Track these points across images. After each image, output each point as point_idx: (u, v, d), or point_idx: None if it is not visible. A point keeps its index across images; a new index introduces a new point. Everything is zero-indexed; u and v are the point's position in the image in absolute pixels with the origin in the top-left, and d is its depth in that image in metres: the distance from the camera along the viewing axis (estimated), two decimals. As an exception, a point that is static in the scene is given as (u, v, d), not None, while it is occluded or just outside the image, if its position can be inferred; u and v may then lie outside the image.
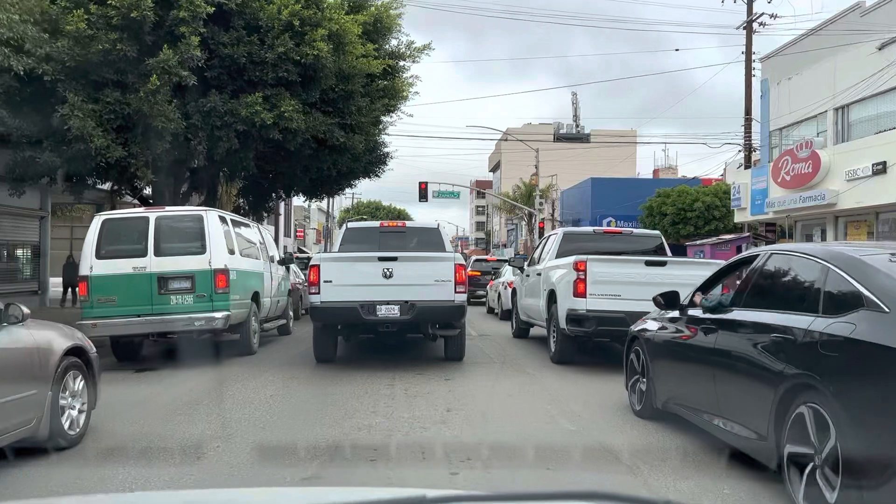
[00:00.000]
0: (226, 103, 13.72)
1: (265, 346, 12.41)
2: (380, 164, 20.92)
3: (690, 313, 5.76)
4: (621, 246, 11.27)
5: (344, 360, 10.42)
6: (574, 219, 49.92)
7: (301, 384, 8.46)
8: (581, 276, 9.26)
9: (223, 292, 10.15)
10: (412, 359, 10.61)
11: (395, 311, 9.30)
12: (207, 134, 13.86)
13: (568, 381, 8.71)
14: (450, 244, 11.67)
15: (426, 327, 9.75)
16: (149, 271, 10.03)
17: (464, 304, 9.50)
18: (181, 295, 10.03)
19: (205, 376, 9.13)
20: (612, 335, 9.57)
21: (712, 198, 36.43)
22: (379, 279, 9.33)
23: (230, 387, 8.24)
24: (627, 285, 9.23)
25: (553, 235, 11.88)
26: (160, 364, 10.40)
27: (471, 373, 9.34)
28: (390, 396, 7.53)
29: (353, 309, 9.22)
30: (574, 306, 9.36)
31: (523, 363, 10.24)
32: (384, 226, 11.47)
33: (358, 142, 16.19)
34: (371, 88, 17.15)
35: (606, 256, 9.72)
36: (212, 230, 10.24)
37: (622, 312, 9.15)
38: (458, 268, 9.45)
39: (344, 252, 10.14)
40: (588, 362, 10.12)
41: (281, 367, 9.87)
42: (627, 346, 6.99)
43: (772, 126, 27.44)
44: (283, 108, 13.65)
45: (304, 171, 17.93)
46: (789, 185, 23.23)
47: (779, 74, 26.72)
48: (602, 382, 8.60)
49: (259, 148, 14.98)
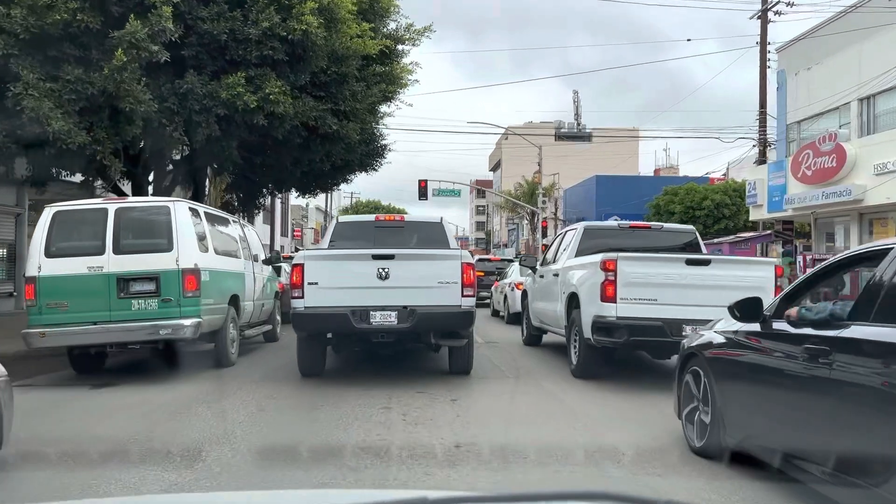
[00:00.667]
0: (205, 85, 12.33)
1: (247, 355, 11.04)
2: (377, 157, 19.53)
3: (778, 327, 4.39)
4: (650, 242, 9.89)
5: (333, 374, 9.04)
6: (578, 217, 48.64)
7: (279, 408, 7.07)
8: (610, 278, 7.88)
9: (193, 296, 8.77)
10: (412, 371, 9.24)
11: (391, 319, 7.93)
12: (185, 119, 12.48)
13: (597, 402, 7.33)
14: (455, 241, 10.31)
15: (428, 337, 8.38)
16: (106, 272, 8.64)
17: (472, 309, 8.13)
18: (144, 299, 8.65)
19: (168, 395, 7.75)
20: (647, 347, 8.19)
21: (721, 196, 35.27)
22: (373, 281, 7.96)
23: (192, 412, 6.86)
24: (665, 288, 7.86)
25: (571, 231, 10.50)
26: (123, 378, 9.03)
27: (481, 390, 7.96)
28: (385, 424, 6.15)
29: (343, 316, 7.85)
30: (601, 312, 7.98)
31: (540, 377, 8.86)
32: (380, 220, 10.09)
33: (352, 130, 14.80)
34: (367, 73, 15.77)
35: (640, 254, 8.34)
36: (180, 224, 8.86)
37: (659, 320, 7.78)
38: (466, 268, 8.08)
39: (333, 249, 8.78)
40: (614, 376, 8.75)
41: (259, 384, 8.49)
42: (681, 366, 5.61)
43: (789, 119, 26.17)
44: (268, 89, 12.26)
45: (295, 163, 16.54)
46: (811, 180, 21.95)
47: (797, 65, 25.43)
48: (638, 404, 7.22)
49: (243, 136, 13.59)
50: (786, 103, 26.26)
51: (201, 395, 7.70)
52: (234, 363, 10.03)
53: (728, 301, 7.91)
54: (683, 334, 7.75)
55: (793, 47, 25.88)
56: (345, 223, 10.15)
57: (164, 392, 7.90)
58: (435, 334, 8.32)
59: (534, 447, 5.45)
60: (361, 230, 9.96)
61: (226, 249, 10.37)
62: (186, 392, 7.90)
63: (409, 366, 9.71)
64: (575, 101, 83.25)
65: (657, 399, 7.29)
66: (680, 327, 7.77)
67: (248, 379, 8.80)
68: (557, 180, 53.54)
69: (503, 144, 75.71)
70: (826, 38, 23.37)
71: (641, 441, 5.66)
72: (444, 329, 8.28)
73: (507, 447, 5.44)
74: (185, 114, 12.41)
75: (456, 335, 8.35)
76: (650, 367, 9.82)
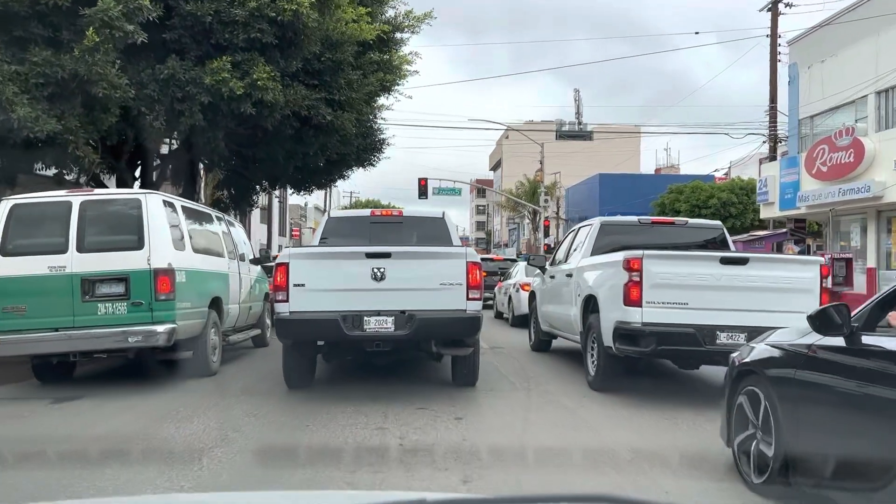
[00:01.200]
0: (188, 71, 11.41)
1: (232, 363, 10.12)
2: (375, 152, 18.60)
3: (873, 342, 3.48)
4: (673, 240, 8.97)
5: (323, 385, 8.13)
6: (580, 216, 47.78)
7: (258, 429, 6.14)
8: (634, 278, 6.97)
9: (167, 298, 7.85)
10: (411, 383, 8.34)
11: (387, 325, 7.02)
12: (166, 108, 11.56)
13: (622, 422, 6.41)
14: (458, 238, 9.40)
15: (429, 345, 7.46)
16: (70, 272, 7.73)
17: (479, 314, 7.22)
18: (112, 302, 7.74)
19: (134, 411, 6.85)
20: (677, 356, 7.27)
21: (728, 194, 34.51)
22: (367, 282, 7.05)
23: (156, 433, 5.95)
24: (697, 290, 6.95)
25: (585, 227, 9.57)
26: (90, 390, 8.10)
27: (489, 406, 7.05)
28: (379, 453, 5.23)
29: (333, 322, 6.93)
30: (625, 318, 7.07)
31: (555, 390, 7.94)
32: (376, 214, 9.17)
33: (347, 121, 13.87)
34: (363, 61, 14.85)
35: (668, 252, 7.42)
36: (153, 219, 7.95)
37: (690, 326, 6.87)
38: (472, 267, 7.17)
39: (322, 247, 7.88)
40: (636, 388, 7.83)
41: (240, 397, 7.57)
42: (732, 385, 4.69)
43: (801, 114, 25.32)
44: (255, 75, 11.34)
45: (288, 156, 15.57)
46: (826, 176, 21.13)
47: (810, 58, 24.58)
48: (669, 424, 6.31)
49: (230, 126, 12.65)
50: (798, 97, 25.44)
51: (172, 411, 6.79)
52: (215, 372, 9.12)
53: (768, 305, 7.08)
54: (718, 342, 6.87)
55: (805, 39, 25.05)
56: (337, 218, 9.24)
57: (129, 408, 6.99)
58: (437, 342, 7.41)
59: (557, 481, 4.54)
60: (355, 226, 9.06)
61: (206, 247, 9.46)
62: (155, 407, 6.98)
63: (408, 376, 8.80)
64: (576, 100, 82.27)
65: (694, 418, 6.39)
66: (714, 334, 6.87)
67: (228, 391, 7.89)
68: (559, 179, 52.68)
69: (504, 143, 74.89)
70: (840, 30, 22.56)
71: (685, 476, 4.75)
72: (447, 337, 7.37)
73: (525, 485, 4.51)
74: (166, 102, 11.48)
75: (461, 343, 7.43)
76: (674, 376, 8.92)
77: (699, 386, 8.45)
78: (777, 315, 6.83)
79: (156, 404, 7.16)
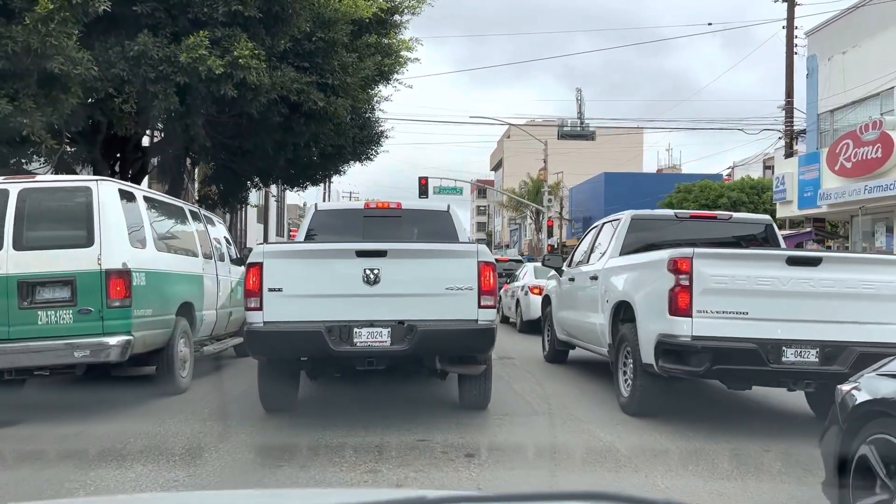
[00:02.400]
0: (162, 48, 10.18)
1: (207, 377, 8.86)
2: (372, 145, 17.35)
3: None
4: (715, 236, 7.74)
5: (307, 407, 6.89)
6: (585, 216, 46.60)
7: (216, 470, 4.88)
8: (683, 282, 5.72)
9: (121, 305, 6.61)
10: (409, 404, 7.10)
11: (382, 339, 5.77)
12: (137, 89, 10.33)
13: (676, 462, 5.17)
14: (466, 235, 8.18)
15: (432, 361, 6.22)
16: (4, 273, 6.48)
17: (492, 325, 5.96)
18: (55, 310, 6.49)
19: (70, 443, 5.62)
20: (735, 378, 6.00)
21: (738, 193, 33.45)
22: (358, 286, 5.81)
23: (85, 476, 4.70)
24: (759, 296, 5.70)
25: (611, 222, 8.31)
26: (30, 413, 6.87)
27: (505, 438, 5.79)
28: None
29: (316, 335, 5.68)
30: (670, 330, 5.82)
31: (582, 415, 6.68)
32: (370, 207, 7.92)
33: (342, 107, 12.62)
34: (360, 43, 13.63)
35: (724, 250, 6.17)
36: (106, 211, 6.70)
37: (752, 341, 5.62)
38: (485, 268, 5.92)
39: (305, 244, 6.64)
40: (680, 413, 6.60)
41: (205, 424, 6.32)
42: (848, 428, 3.45)
43: (821, 108, 24.18)
44: (236, 52, 10.10)
45: (278, 148, 14.31)
46: (850, 172, 20.01)
47: (830, 49, 23.45)
48: (735, 465, 5.06)
49: (210, 111, 11.42)
50: (817, 91, 24.30)
51: (117, 444, 5.54)
52: (185, 389, 7.87)
53: (845, 315, 5.83)
54: (784, 360, 5.63)
55: (825, 30, 23.93)
56: (325, 211, 8.01)
57: (66, 439, 5.77)
58: (442, 359, 6.15)
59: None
60: (347, 220, 7.83)
61: (175, 246, 8.22)
62: (100, 437, 5.75)
63: (407, 395, 7.56)
64: (578, 99, 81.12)
65: (762, 456, 5.15)
66: (779, 351, 5.64)
67: (193, 415, 6.64)
68: (562, 178, 51.48)
69: (505, 143, 73.77)
70: (864, 18, 21.48)
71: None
72: (454, 352, 6.12)
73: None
74: (137, 83, 10.25)
75: (471, 360, 6.18)
76: (719, 395, 7.67)
77: (755, 409, 7.22)
78: (857, 328, 5.61)
79: (102, 433, 5.92)
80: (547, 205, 43.39)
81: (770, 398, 7.51)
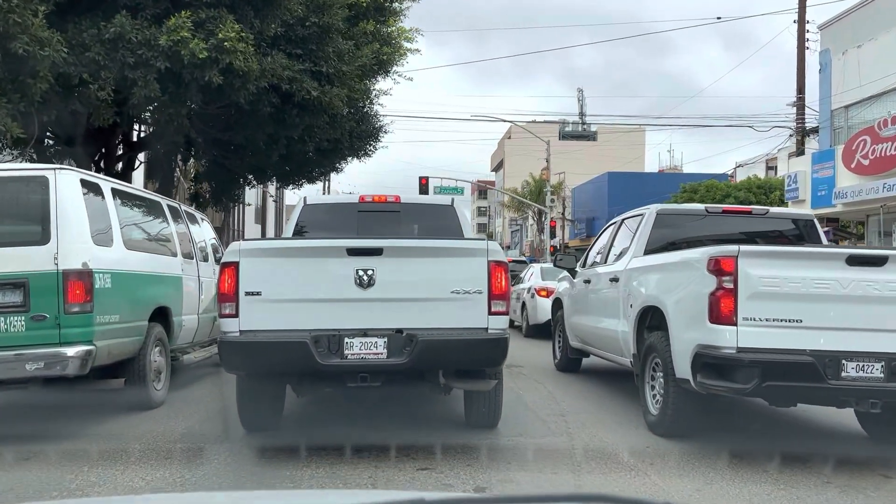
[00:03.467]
0: (141, 30, 9.40)
1: (186, 388, 8.05)
2: (370, 139, 16.56)
3: None
4: (750, 233, 6.94)
5: (291, 427, 6.09)
6: (588, 217, 45.84)
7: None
8: (726, 285, 4.92)
9: (81, 311, 5.80)
10: (408, 423, 6.30)
11: (378, 350, 4.97)
12: (115, 75, 9.55)
13: (721, 496, 4.37)
14: (472, 231, 7.39)
15: (435, 376, 5.42)
16: (-53, 274, 5.70)
17: (505, 335, 5.16)
18: (4, 316, 5.67)
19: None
20: (786, 396, 5.19)
21: (745, 193, 32.78)
22: (349, 289, 5.01)
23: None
24: (814, 301, 4.90)
25: (633, 218, 7.50)
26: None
27: (520, 466, 4.98)
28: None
29: (300, 346, 4.88)
30: (711, 341, 5.02)
31: (605, 436, 5.87)
32: (365, 201, 7.11)
33: (337, 97, 11.83)
34: (357, 31, 12.84)
35: (774, 248, 5.37)
36: (65, 204, 5.90)
37: (808, 353, 4.82)
38: (496, 269, 5.12)
39: (287, 240, 5.84)
40: (717, 433, 5.80)
41: (175, 446, 5.51)
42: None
43: (834, 104, 23.44)
44: (221, 35, 9.31)
45: (270, 142, 13.53)
46: (868, 170, 19.35)
47: (844, 43, 22.74)
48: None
49: (195, 100, 10.63)
50: (830, 86, 23.57)
51: (66, 474, 4.75)
52: (160, 403, 7.07)
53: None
54: (844, 376, 4.84)
55: (839, 23, 23.21)
56: (315, 206, 7.21)
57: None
58: (446, 373, 5.35)
59: None
60: (339, 216, 7.05)
61: (149, 244, 7.43)
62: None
63: (406, 412, 6.76)
64: (579, 100, 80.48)
65: (824, 490, 4.35)
66: (838, 365, 4.84)
67: (164, 435, 5.84)
68: (563, 179, 50.72)
69: (505, 144, 73.02)
70: (880, 10, 20.75)
71: None
72: (460, 366, 5.32)
73: None
74: (114, 68, 9.47)
75: (479, 375, 5.38)
76: (755, 412, 6.86)
77: (799, 427, 6.43)
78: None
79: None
80: (549, 205, 42.58)
81: (814, 416, 6.71)
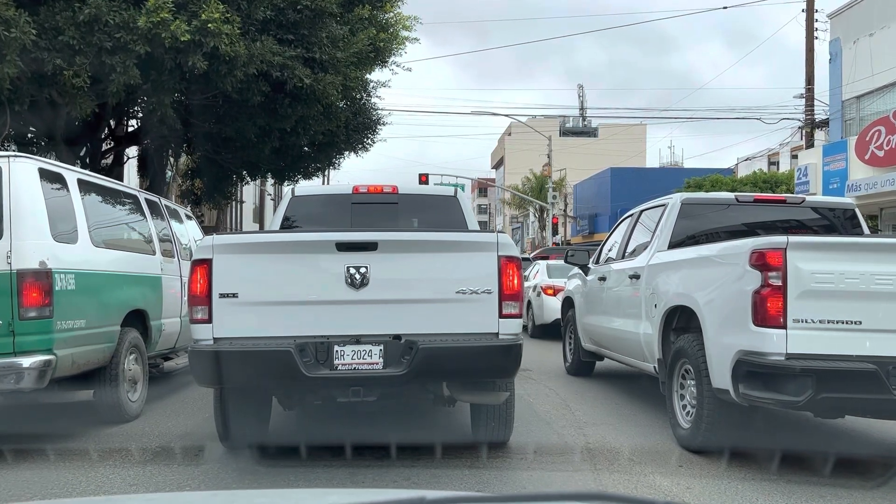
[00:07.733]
0: (118, 12, 8.75)
1: (166, 398, 7.39)
2: (368, 132, 15.89)
3: None
4: (785, 224, 6.29)
5: (277, 439, 5.44)
6: (591, 213, 45.19)
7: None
8: (773, 281, 4.27)
9: (39, 315, 5.16)
10: (408, 435, 5.65)
11: (372, 359, 4.32)
12: (91, 61, 8.89)
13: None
14: (476, 224, 6.73)
15: (439, 387, 4.76)
16: None
17: (518, 341, 4.51)
18: (-49, 322, 5.05)
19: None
20: (844, 409, 4.54)
21: (751, 187, 32.28)
22: (340, 290, 4.36)
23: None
24: (875, 301, 4.25)
25: (655, 209, 6.83)
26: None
27: (535, 489, 4.34)
28: None
29: (283, 355, 4.22)
30: (755, 346, 4.37)
31: (629, 451, 5.22)
32: (360, 192, 6.45)
33: (331, 86, 11.16)
34: (352, 16, 12.18)
35: (829, 239, 4.72)
36: (20, 196, 5.25)
37: (870, 360, 4.17)
38: (507, 264, 4.47)
39: (266, 234, 5.19)
40: (754, 446, 5.14)
41: (145, 468, 4.85)
42: None
43: (845, 95, 22.84)
44: (204, 16, 8.66)
45: (262, 134, 12.86)
46: (883, 162, 18.82)
47: (855, 32, 22.17)
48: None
49: (179, 88, 9.98)
50: (840, 77, 22.98)
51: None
52: (137, 415, 6.42)
53: None
54: (909, 385, 4.17)
55: (849, 11, 22.65)
56: (304, 197, 6.55)
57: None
58: (452, 384, 4.70)
59: None
60: (331, 208, 6.40)
61: (123, 241, 6.78)
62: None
63: (405, 422, 6.11)
64: (580, 96, 79.83)
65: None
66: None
67: (135, 455, 5.18)
68: (565, 176, 50.07)
69: (506, 141, 72.36)
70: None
71: None
72: (467, 377, 4.66)
73: None
74: (90, 53, 8.82)
75: (489, 386, 4.72)
76: (797, 422, 6.21)
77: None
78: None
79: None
80: (551, 201, 41.91)
81: (864, 428, 6.06)
